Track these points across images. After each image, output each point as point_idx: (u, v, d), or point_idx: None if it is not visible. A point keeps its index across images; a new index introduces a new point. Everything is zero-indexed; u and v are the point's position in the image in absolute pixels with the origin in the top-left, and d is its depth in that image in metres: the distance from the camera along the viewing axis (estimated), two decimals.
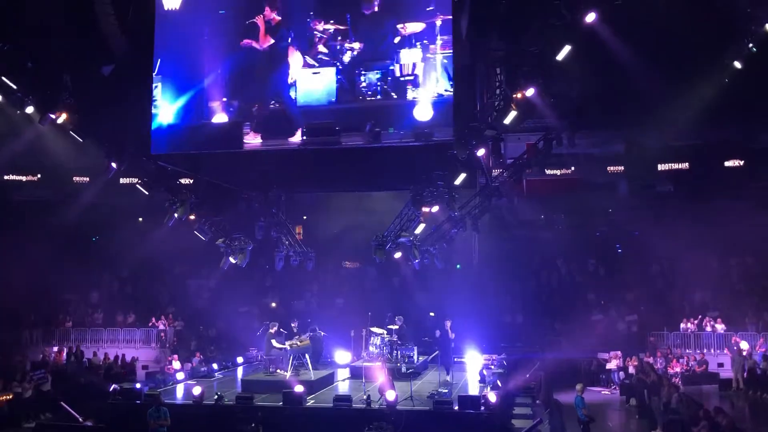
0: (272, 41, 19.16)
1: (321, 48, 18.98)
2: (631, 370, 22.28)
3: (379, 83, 18.75)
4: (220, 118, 19.68)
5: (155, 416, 14.53)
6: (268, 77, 19.39)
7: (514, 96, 18.47)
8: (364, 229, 26.71)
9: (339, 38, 18.90)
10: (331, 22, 18.94)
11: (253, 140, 19.38)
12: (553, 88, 19.00)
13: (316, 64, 19.05)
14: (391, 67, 18.71)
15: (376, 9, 18.73)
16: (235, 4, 19.73)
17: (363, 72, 18.85)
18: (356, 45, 18.84)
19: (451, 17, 18.29)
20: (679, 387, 19.43)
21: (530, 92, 18.20)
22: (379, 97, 18.78)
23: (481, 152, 19.53)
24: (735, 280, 27.66)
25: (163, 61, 19.69)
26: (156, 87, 19.79)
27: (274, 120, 19.31)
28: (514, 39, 18.90)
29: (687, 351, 24.17)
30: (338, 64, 18.91)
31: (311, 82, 19.08)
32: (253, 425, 14.22)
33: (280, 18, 19.11)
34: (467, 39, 18.98)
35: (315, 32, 18.95)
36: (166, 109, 19.81)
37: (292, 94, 19.20)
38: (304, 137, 18.95)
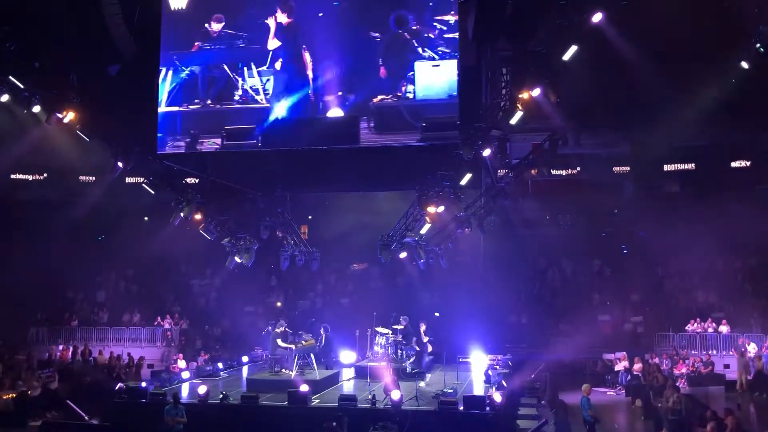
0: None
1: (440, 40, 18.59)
2: (637, 371, 22.23)
3: None
4: (335, 112, 19.02)
5: (173, 413, 14.62)
6: (388, 70, 18.89)
7: (520, 96, 18.46)
8: (369, 229, 26.70)
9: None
10: (452, 12, 18.51)
11: (368, 135, 18.85)
12: (560, 88, 18.97)
13: (436, 57, 18.62)
14: None
15: None
16: None
17: None
18: None
19: (456, 18, 18.25)
20: (683, 388, 19.38)
21: (536, 92, 18.19)
22: None
23: (486, 152, 19.51)
24: (741, 281, 27.56)
25: (274, 54, 19.14)
26: (268, 81, 19.24)
27: (392, 115, 18.87)
28: (520, 39, 18.88)
29: (692, 352, 24.09)
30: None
31: (431, 76, 18.62)
32: (334, 424, 14.11)
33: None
34: (473, 39, 18.96)
35: (435, 24, 18.55)
36: (277, 103, 19.13)
37: (411, 87, 18.72)
38: (424, 132, 18.46)
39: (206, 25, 19.64)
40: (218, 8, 19.68)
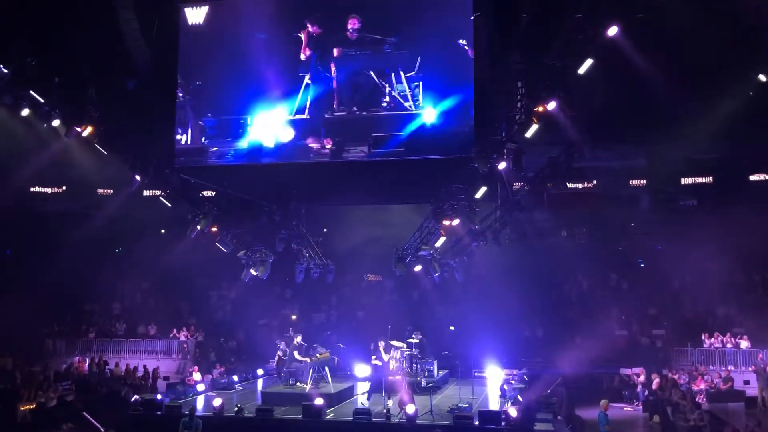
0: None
1: None
2: (655, 386, 21.97)
3: None
4: None
5: (188, 426, 14.64)
6: None
7: (536, 109, 18.45)
8: (384, 242, 26.73)
9: None
10: None
11: None
12: (575, 101, 18.95)
13: None
14: None
15: None
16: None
17: None
18: None
19: (472, 31, 18.30)
20: (703, 404, 19.13)
21: (551, 106, 18.18)
22: None
23: (502, 165, 19.49)
24: (760, 295, 27.22)
25: (422, 61, 18.79)
26: (416, 87, 18.82)
27: None
28: (535, 53, 18.89)
29: (711, 368, 23.78)
30: None
31: None
32: None
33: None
34: (489, 53, 19.00)
35: None
36: (428, 110, 18.69)
37: None
38: None
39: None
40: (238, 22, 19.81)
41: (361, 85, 19.05)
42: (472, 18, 18.38)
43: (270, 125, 19.23)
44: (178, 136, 19.84)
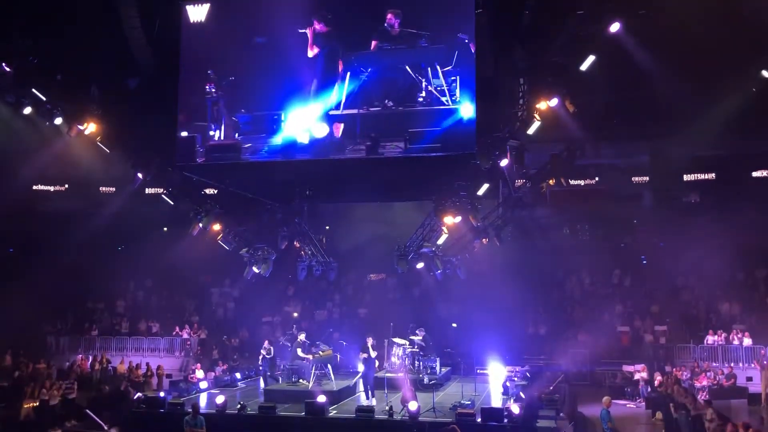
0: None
1: None
2: (657, 383, 21.96)
3: None
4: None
5: (192, 424, 14.66)
6: None
7: (538, 106, 18.43)
8: (386, 240, 26.72)
9: None
10: None
11: None
12: (577, 98, 18.93)
13: None
14: None
15: None
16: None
17: None
18: None
19: (474, 29, 18.21)
20: (708, 402, 19.10)
21: (554, 102, 18.15)
22: None
23: (504, 162, 19.47)
24: (763, 291, 27.19)
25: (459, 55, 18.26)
26: (453, 81, 18.26)
27: None
28: (537, 49, 18.87)
29: (714, 364, 23.76)
30: None
31: None
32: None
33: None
34: (491, 50, 18.95)
35: None
36: (466, 105, 18.07)
37: None
38: None
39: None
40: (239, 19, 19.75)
41: (396, 80, 18.66)
42: (475, 14, 18.31)
43: (304, 121, 18.90)
44: (211, 132, 19.54)
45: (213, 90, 19.45)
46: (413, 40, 18.33)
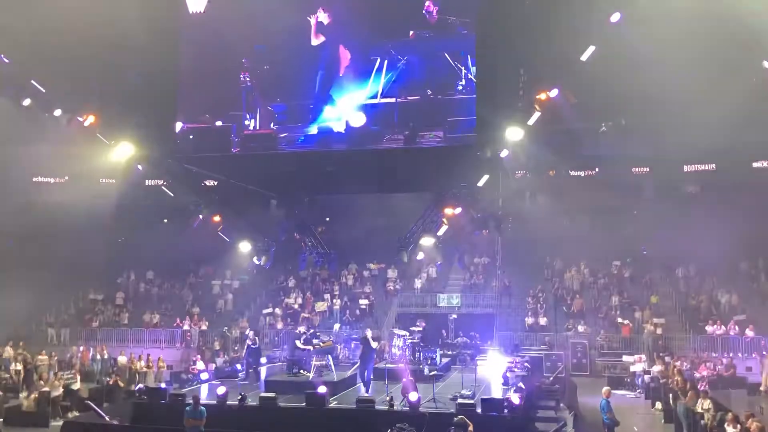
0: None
1: None
2: (656, 373, 22.01)
3: None
4: None
5: (192, 415, 14.67)
6: None
7: (538, 97, 18.39)
8: (386, 231, 26.70)
9: None
10: None
11: None
12: (578, 89, 18.90)
13: None
14: None
15: None
16: None
17: None
18: None
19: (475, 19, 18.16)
20: (706, 392, 19.14)
21: (554, 93, 18.12)
22: None
23: (504, 153, 19.45)
24: (763, 282, 27.21)
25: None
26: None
27: None
28: (537, 40, 18.81)
29: (713, 354, 23.80)
30: None
31: None
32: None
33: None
34: (490, 41, 18.91)
35: None
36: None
37: None
38: None
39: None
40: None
41: (435, 68, 18.34)
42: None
43: (341, 110, 18.54)
44: (246, 122, 19.31)
45: (247, 79, 19.11)
46: (452, 27, 17.87)
